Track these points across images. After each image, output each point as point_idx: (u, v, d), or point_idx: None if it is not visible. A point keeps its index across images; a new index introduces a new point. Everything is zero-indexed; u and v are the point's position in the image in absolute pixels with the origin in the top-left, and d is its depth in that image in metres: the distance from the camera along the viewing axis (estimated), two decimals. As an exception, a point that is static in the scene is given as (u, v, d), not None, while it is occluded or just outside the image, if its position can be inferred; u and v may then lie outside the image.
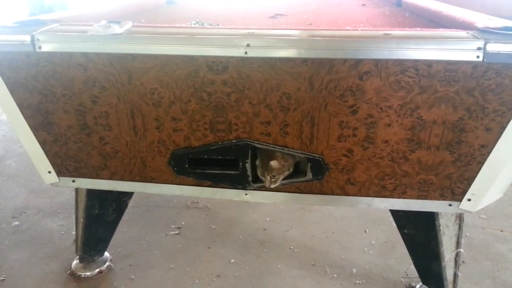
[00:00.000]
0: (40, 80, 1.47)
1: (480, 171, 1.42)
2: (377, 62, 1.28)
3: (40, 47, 1.42)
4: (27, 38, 1.41)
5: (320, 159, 1.48)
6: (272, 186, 1.55)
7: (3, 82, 1.49)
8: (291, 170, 1.57)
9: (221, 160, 1.57)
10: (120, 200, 1.95)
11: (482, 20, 1.47)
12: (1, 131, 3.93)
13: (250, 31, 1.39)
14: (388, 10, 2.56)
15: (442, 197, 1.51)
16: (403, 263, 2.11)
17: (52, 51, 1.42)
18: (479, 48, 1.22)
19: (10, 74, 1.47)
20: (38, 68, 1.45)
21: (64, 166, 1.68)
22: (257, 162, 1.57)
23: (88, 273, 2.04)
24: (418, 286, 1.94)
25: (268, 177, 1.54)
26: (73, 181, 1.72)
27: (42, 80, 1.47)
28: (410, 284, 1.99)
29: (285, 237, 2.34)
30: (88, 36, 1.40)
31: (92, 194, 1.84)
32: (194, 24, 1.88)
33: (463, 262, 2.09)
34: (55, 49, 1.42)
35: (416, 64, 1.27)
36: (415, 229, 1.71)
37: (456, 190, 1.48)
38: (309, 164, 1.51)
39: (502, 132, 1.33)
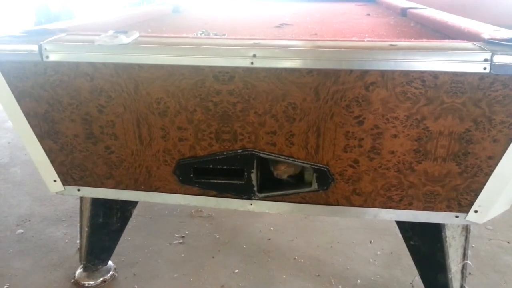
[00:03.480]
0: (47, 89, 1.48)
1: (487, 183, 1.41)
2: (383, 73, 1.28)
3: (47, 57, 1.43)
4: (34, 48, 1.42)
5: (325, 169, 1.48)
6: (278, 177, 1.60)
7: (10, 90, 1.50)
8: (297, 171, 1.58)
9: (226, 170, 1.56)
10: (125, 209, 1.95)
11: (488, 31, 1.47)
12: (7, 138, 3.95)
13: (256, 41, 1.39)
14: (393, 20, 2.56)
15: (448, 208, 1.50)
16: (408, 275, 2.09)
17: (60, 60, 1.43)
18: (486, 60, 1.22)
19: (17, 83, 1.48)
20: (45, 77, 1.46)
21: (69, 175, 1.68)
22: None
23: (91, 282, 2.04)
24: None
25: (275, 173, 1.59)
26: (78, 189, 1.72)
27: (49, 89, 1.48)
28: (416, 296, 1.97)
29: (289, 247, 2.33)
30: (95, 46, 1.41)
31: (96, 202, 1.84)
32: (200, 34, 1.89)
33: (470, 273, 2.07)
34: (63, 58, 1.43)
35: (422, 75, 1.27)
36: (421, 240, 1.69)
37: (462, 202, 1.47)
38: (315, 174, 1.50)
39: (509, 144, 1.33)
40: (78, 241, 2.02)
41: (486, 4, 5.60)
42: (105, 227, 1.93)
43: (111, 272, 2.10)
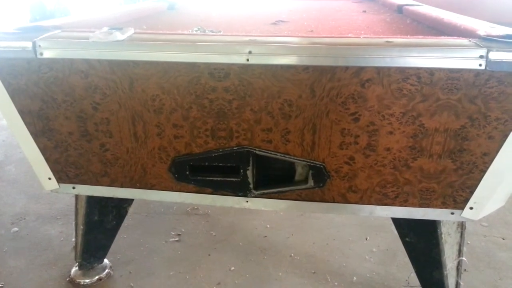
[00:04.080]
0: (41, 86, 1.47)
1: (483, 179, 1.42)
2: (379, 70, 1.28)
3: (41, 54, 1.42)
4: (28, 45, 1.41)
5: (321, 166, 1.48)
6: None
7: (4, 88, 1.49)
8: None
9: (222, 167, 1.56)
10: (120, 206, 1.94)
11: (484, 27, 1.46)
12: (1, 136, 3.93)
13: (252, 38, 1.39)
14: (389, 17, 2.56)
15: (444, 205, 1.50)
16: (404, 271, 2.10)
17: (54, 57, 1.42)
18: (481, 56, 1.22)
19: (11, 80, 1.47)
20: (40, 75, 1.45)
21: (64, 173, 1.67)
22: None
23: (87, 281, 2.03)
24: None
25: None
26: (73, 187, 1.71)
27: (43, 87, 1.47)
28: (411, 293, 1.97)
29: (285, 244, 2.33)
30: (89, 42, 1.40)
31: (92, 200, 1.83)
32: (196, 30, 1.88)
33: (465, 270, 2.07)
34: (57, 55, 1.42)
35: (418, 72, 1.27)
36: (417, 237, 1.70)
37: (458, 198, 1.47)
38: (311, 171, 1.50)
39: (504, 140, 1.33)
40: (73, 239, 2.01)
41: (482, 1, 5.61)
42: (100, 225, 1.93)
43: (106, 270, 2.09)
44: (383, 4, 3.21)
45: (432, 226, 1.62)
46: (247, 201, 1.63)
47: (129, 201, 1.96)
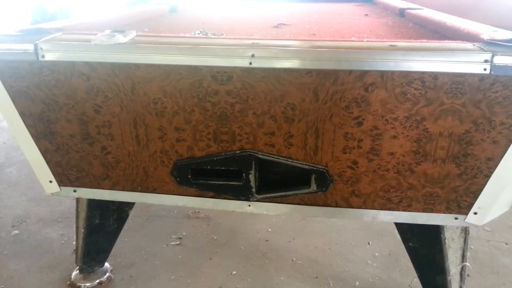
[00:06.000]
0: (42, 89, 1.46)
1: (487, 184, 1.40)
2: (382, 74, 1.27)
3: (43, 56, 1.41)
4: (30, 47, 1.40)
5: (324, 170, 1.47)
6: None
7: (5, 90, 1.48)
8: None
9: (224, 171, 1.55)
10: (121, 210, 1.93)
11: (487, 31, 1.46)
12: (2, 138, 3.92)
13: (255, 41, 1.38)
14: (391, 20, 2.56)
15: (448, 210, 1.49)
16: (407, 276, 2.08)
17: (55, 60, 1.42)
18: (486, 61, 1.21)
19: (12, 83, 1.46)
20: (41, 77, 1.44)
21: (65, 176, 1.66)
22: None
23: (88, 284, 2.02)
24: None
25: None
26: (74, 190, 1.70)
27: (45, 89, 1.46)
28: (414, 298, 1.96)
29: (287, 249, 2.31)
30: (91, 45, 1.39)
31: (93, 204, 1.82)
32: (198, 33, 1.88)
33: (468, 275, 2.06)
34: (58, 58, 1.42)
35: (422, 76, 1.26)
36: (420, 242, 1.68)
37: (462, 203, 1.46)
38: (313, 175, 1.49)
39: (509, 145, 1.32)
40: (74, 243, 2.00)
41: (479, 5, 5.62)
42: (101, 228, 1.92)
43: (107, 274, 2.08)
44: (384, 8, 3.21)
45: (435, 231, 1.61)
46: (249, 205, 1.62)
47: (130, 205, 1.95)
